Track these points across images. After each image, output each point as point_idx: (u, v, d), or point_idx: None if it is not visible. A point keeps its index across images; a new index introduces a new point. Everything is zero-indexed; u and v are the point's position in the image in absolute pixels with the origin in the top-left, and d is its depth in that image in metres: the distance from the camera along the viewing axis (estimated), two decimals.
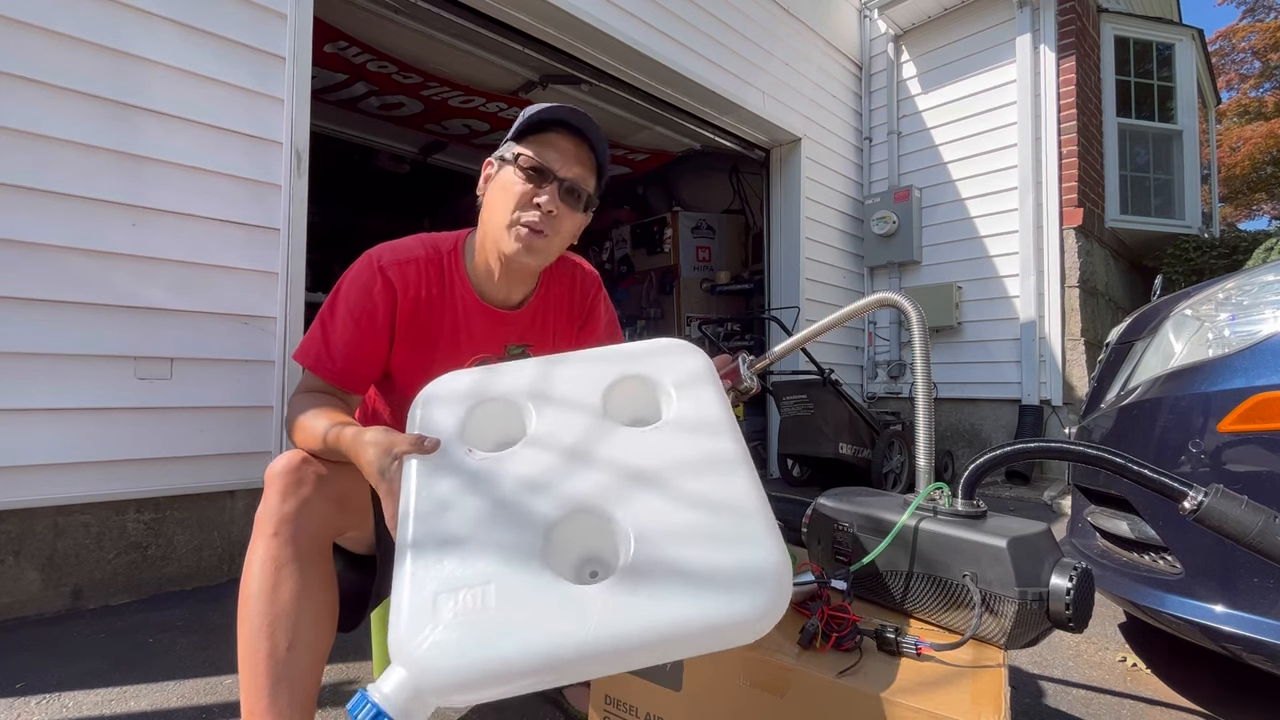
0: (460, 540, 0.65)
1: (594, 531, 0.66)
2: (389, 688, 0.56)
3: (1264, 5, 14.88)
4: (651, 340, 0.89)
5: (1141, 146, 4.84)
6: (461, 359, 1.13)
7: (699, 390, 0.80)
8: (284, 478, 0.88)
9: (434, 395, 0.83)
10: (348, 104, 4.40)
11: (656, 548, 0.63)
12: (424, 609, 0.59)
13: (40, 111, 1.71)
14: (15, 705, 1.27)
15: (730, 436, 0.74)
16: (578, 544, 0.66)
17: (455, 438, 0.76)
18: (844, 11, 4.97)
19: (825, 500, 1.04)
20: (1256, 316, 1.23)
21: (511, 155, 1.05)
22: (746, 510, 0.67)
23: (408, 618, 0.59)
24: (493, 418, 0.80)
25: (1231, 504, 0.74)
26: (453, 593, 0.60)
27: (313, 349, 1.06)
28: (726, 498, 0.68)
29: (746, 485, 0.69)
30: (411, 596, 0.61)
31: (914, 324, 0.99)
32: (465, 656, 0.56)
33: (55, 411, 1.72)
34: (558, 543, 0.65)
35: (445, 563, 0.63)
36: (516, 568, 0.62)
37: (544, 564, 0.62)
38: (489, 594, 0.60)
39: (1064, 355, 4.13)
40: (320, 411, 0.96)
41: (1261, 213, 14.71)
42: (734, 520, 0.66)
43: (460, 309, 1.12)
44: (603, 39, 3.14)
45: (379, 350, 1.08)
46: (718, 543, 0.64)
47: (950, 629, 0.86)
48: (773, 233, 4.58)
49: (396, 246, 1.11)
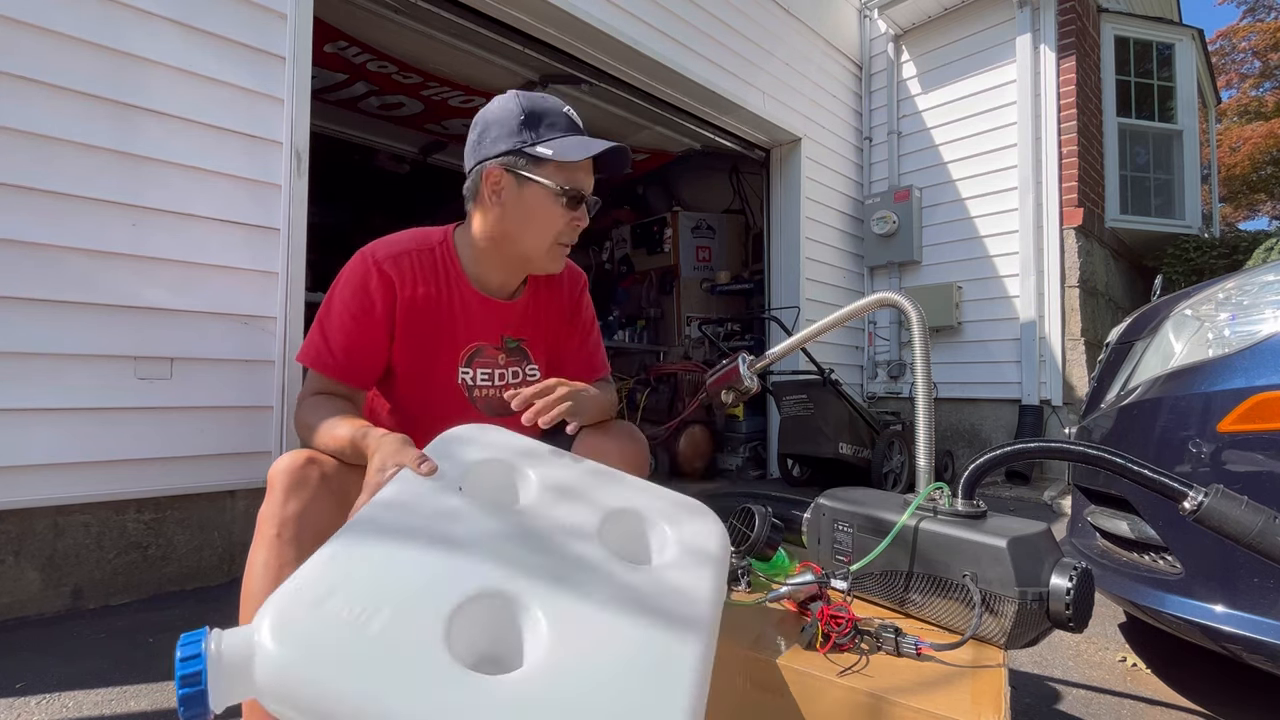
0: (391, 559, 0.62)
1: (510, 626, 0.60)
2: (228, 646, 0.52)
3: (1264, 5, 14.89)
4: (686, 499, 0.85)
5: (1141, 146, 4.84)
6: (459, 349, 1.15)
7: (699, 568, 0.73)
8: (287, 478, 0.89)
9: (461, 435, 0.84)
10: (348, 104, 4.40)
11: (558, 677, 0.55)
12: (318, 589, 0.56)
13: (40, 111, 1.71)
14: (15, 705, 1.27)
15: (702, 628, 0.65)
16: (490, 629, 0.59)
17: (456, 474, 0.76)
18: (844, 11, 4.97)
19: (825, 500, 1.04)
20: (1256, 316, 1.23)
21: (557, 187, 1.07)
22: (673, 693, 0.57)
23: (298, 587, 0.56)
24: (498, 475, 0.79)
25: (1231, 504, 0.74)
26: (349, 596, 0.56)
27: (313, 348, 1.08)
28: (661, 678, 0.58)
29: (688, 679, 0.59)
30: (315, 573, 0.58)
31: (914, 324, 0.99)
32: (313, 665, 0.51)
33: (55, 411, 1.72)
34: (473, 614, 0.58)
35: (362, 565, 0.60)
36: (418, 614, 0.56)
37: (444, 627, 0.56)
38: (377, 619, 0.54)
39: (1064, 355, 4.13)
40: (338, 415, 0.98)
41: (1261, 213, 14.72)
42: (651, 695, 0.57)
43: (458, 299, 1.14)
44: (603, 39, 3.14)
45: (379, 343, 1.10)
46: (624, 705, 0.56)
47: (950, 629, 0.86)
48: (773, 233, 4.58)
49: (389, 241, 1.12)
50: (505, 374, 1.21)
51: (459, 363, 1.16)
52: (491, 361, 1.19)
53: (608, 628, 0.61)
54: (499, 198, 1.09)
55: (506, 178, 1.08)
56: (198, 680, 0.50)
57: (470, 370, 1.17)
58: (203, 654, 0.51)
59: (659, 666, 0.59)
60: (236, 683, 0.51)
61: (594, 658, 0.58)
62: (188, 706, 0.50)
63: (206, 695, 0.50)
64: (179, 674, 0.50)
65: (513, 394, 1.00)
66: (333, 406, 1.02)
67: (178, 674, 0.50)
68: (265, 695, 0.51)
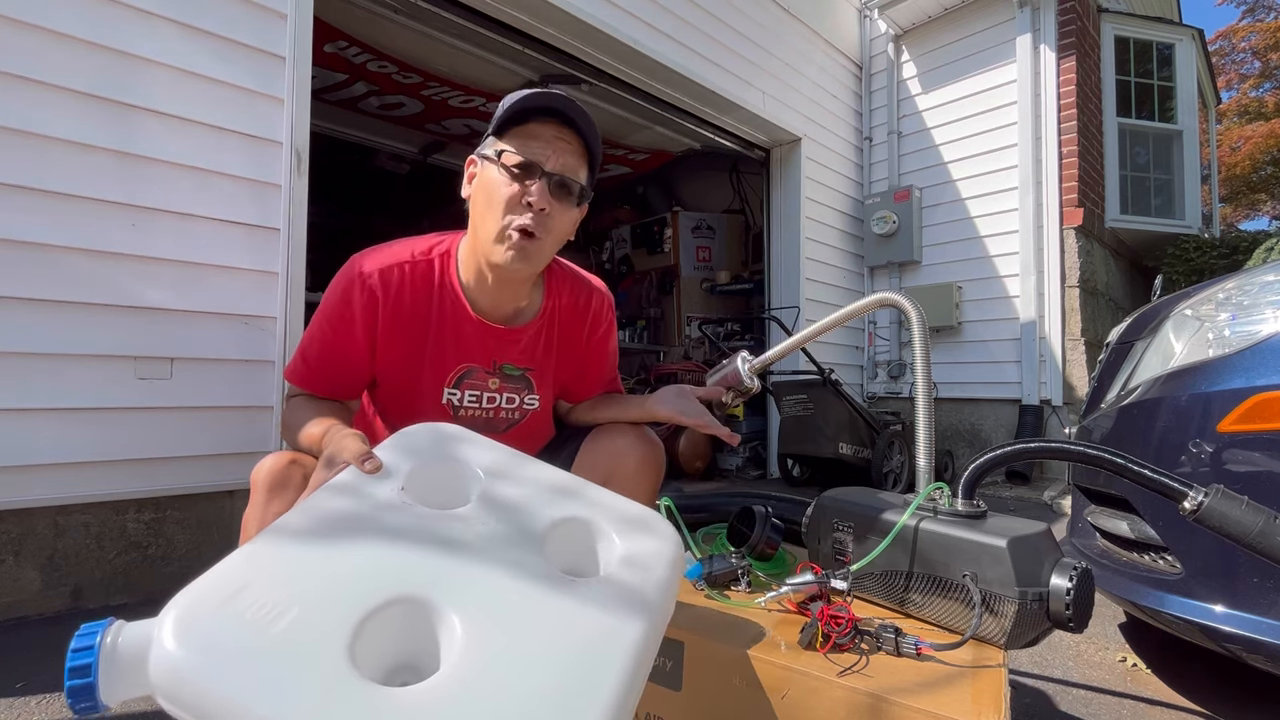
0: (310, 558, 0.59)
1: (426, 632, 0.57)
2: (125, 640, 0.50)
3: (1264, 5, 14.88)
4: (646, 512, 0.81)
5: (1141, 146, 4.84)
6: (447, 368, 1.10)
7: (641, 581, 0.69)
8: (269, 479, 0.88)
9: (417, 434, 0.81)
10: (348, 104, 4.41)
11: (466, 687, 0.53)
12: (230, 585, 0.54)
13: (40, 111, 1.71)
14: (15, 705, 1.27)
15: (634, 639, 0.61)
16: (404, 635, 0.57)
17: (401, 474, 0.73)
18: (844, 11, 4.97)
19: (825, 500, 1.04)
20: (1256, 316, 1.23)
21: (494, 153, 0.97)
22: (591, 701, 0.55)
23: (210, 583, 0.54)
24: (446, 478, 0.76)
25: (1231, 504, 0.74)
26: (258, 594, 0.53)
27: (294, 365, 1.07)
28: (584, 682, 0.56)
29: (610, 688, 0.56)
30: (230, 569, 0.56)
31: (914, 324, 0.99)
32: (207, 664, 0.48)
33: (55, 411, 1.72)
34: (386, 619, 0.56)
35: (280, 563, 0.58)
36: (325, 616, 0.53)
37: (351, 631, 0.53)
38: (282, 620, 0.52)
39: (1064, 355, 4.13)
40: (317, 415, 0.97)
41: (1261, 213, 14.71)
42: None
43: (449, 317, 1.07)
44: (603, 39, 3.14)
45: (358, 359, 1.06)
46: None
47: (950, 629, 0.86)
48: (773, 233, 4.58)
49: (381, 251, 1.06)
50: (498, 399, 1.15)
51: (446, 382, 1.10)
52: (481, 384, 1.12)
53: (529, 632, 0.58)
54: (471, 189, 1.03)
55: (476, 165, 1.02)
56: (87, 673, 0.48)
57: (458, 391, 1.11)
58: (96, 646, 0.49)
59: (581, 670, 0.57)
60: (131, 678, 0.49)
61: (508, 668, 0.55)
62: (75, 698, 0.48)
63: (95, 688, 0.48)
64: (67, 665, 0.49)
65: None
66: (314, 408, 1.01)
67: (66, 664, 0.49)
68: (157, 692, 0.49)
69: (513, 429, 1.19)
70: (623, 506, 0.80)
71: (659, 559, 0.74)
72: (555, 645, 0.58)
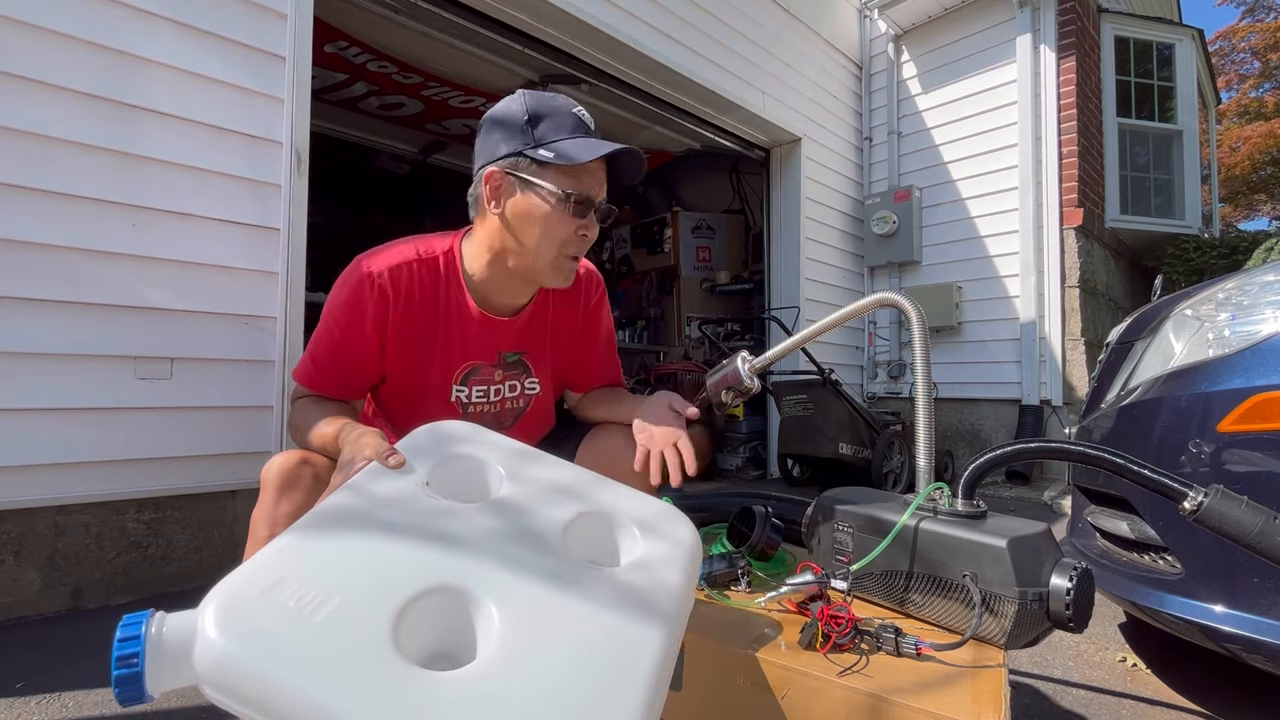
0: (345, 550, 0.60)
1: (464, 621, 0.58)
2: (170, 630, 0.50)
3: (1264, 5, 14.88)
4: (663, 505, 0.83)
5: (1141, 146, 4.84)
6: (454, 366, 1.11)
7: (666, 570, 0.71)
8: (279, 478, 0.88)
9: (437, 430, 0.82)
10: (348, 104, 4.41)
11: (506, 672, 0.54)
12: (267, 577, 0.55)
13: (40, 111, 1.71)
14: (15, 705, 1.27)
15: (662, 627, 0.63)
16: (443, 624, 0.58)
17: (425, 468, 0.74)
18: (844, 11, 4.97)
19: (825, 500, 1.04)
20: (1256, 316, 1.23)
21: (560, 191, 0.99)
22: (627, 689, 0.56)
23: (247, 575, 0.55)
24: (468, 472, 0.78)
25: (1231, 504, 0.74)
26: (297, 585, 0.54)
27: (303, 366, 1.07)
28: (614, 674, 0.57)
29: (643, 675, 0.57)
30: (265, 561, 0.57)
31: (914, 324, 0.99)
32: (253, 654, 0.49)
33: (55, 411, 1.72)
34: (425, 608, 0.57)
35: (315, 556, 0.59)
36: (366, 605, 0.55)
37: (393, 620, 0.54)
38: (323, 609, 0.53)
39: (1064, 355, 4.13)
40: (327, 415, 0.97)
41: (1261, 213, 14.72)
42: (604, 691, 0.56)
43: (455, 316, 1.09)
44: (603, 39, 3.14)
45: (368, 359, 1.07)
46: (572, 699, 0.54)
47: (950, 629, 0.86)
48: (773, 233, 4.58)
49: (388, 251, 1.07)
50: (502, 389, 1.17)
51: (453, 380, 1.12)
52: (488, 379, 1.15)
53: (562, 624, 0.60)
54: (499, 204, 1.02)
55: (507, 181, 1.01)
56: (134, 662, 0.49)
57: (465, 389, 1.13)
58: (141, 636, 0.49)
59: (614, 662, 0.58)
60: (176, 668, 0.50)
61: (546, 654, 0.56)
62: (122, 688, 0.48)
63: (143, 678, 0.49)
64: (114, 654, 0.49)
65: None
66: (323, 408, 1.01)
67: (114, 654, 0.49)
68: (204, 682, 0.49)
69: (519, 420, 1.21)
70: (641, 501, 0.82)
71: (681, 553, 0.76)
72: (587, 640, 0.59)
